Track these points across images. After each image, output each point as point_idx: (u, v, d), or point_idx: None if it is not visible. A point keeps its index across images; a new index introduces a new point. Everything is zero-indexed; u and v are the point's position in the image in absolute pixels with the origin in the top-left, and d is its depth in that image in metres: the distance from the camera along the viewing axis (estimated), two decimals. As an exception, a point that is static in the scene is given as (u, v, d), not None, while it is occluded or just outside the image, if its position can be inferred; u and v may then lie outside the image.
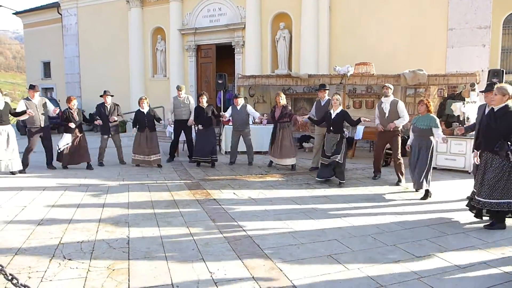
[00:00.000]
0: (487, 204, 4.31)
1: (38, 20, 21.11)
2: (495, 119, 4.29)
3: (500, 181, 4.21)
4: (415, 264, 3.37)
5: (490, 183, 4.26)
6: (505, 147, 4.14)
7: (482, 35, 10.38)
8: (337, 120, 6.55)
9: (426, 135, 5.64)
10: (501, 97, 4.28)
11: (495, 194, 4.25)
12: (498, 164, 4.22)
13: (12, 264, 3.28)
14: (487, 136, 4.40)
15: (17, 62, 73.49)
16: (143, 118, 8.00)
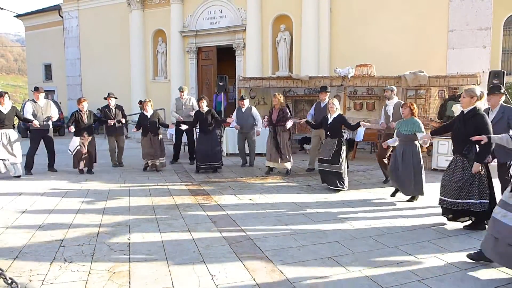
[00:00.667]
0: (452, 203, 4.29)
1: (39, 22, 21.20)
2: (464, 122, 4.25)
3: (466, 183, 4.19)
4: (416, 265, 3.36)
5: (456, 184, 4.24)
6: (473, 150, 4.13)
7: (483, 37, 10.39)
8: (333, 125, 6.33)
9: (410, 141, 5.47)
10: (469, 99, 4.25)
11: (460, 194, 4.23)
12: (464, 167, 4.21)
13: (13, 267, 3.28)
14: (456, 139, 4.39)
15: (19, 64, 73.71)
16: (145, 122, 7.76)
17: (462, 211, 4.31)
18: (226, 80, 11.57)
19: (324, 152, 6.37)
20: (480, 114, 4.18)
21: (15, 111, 7.01)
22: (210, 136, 7.68)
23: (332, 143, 6.30)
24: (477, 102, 4.23)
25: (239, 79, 11.63)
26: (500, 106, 5.21)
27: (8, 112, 6.82)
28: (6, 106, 6.83)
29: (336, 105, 6.39)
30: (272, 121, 7.43)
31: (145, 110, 7.84)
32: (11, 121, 6.91)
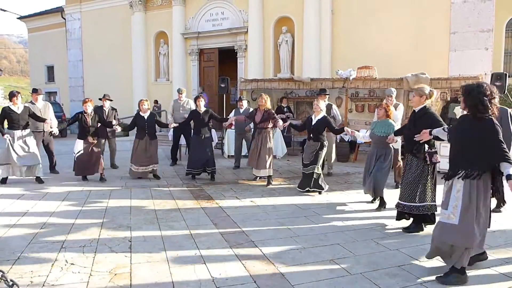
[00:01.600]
0: (408, 207, 4.26)
1: (42, 24, 21.28)
2: (414, 121, 4.23)
3: (419, 184, 4.18)
4: (418, 268, 3.35)
5: (411, 186, 4.23)
6: (422, 149, 4.11)
7: (485, 39, 10.37)
8: (317, 127, 6.06)
9: (384, 143, 5.24)
10: (419, 98, 4.23)
11: (415, 197, 4.21)
12: (417, 167, 4.20)
13: (14, 268, 3.28)
14: (408, 138, 4.37)
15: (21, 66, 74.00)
16: (142, 123, 7.10)
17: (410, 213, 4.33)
18: (228, 82, 11.58)
19: (306, 157, 6.16)
20: (430, 112, 4.17)
21: (28, 111, 6.75)
22: (205, 140, 7.08)
23: (314, 147, 6.09)
24: (427, 101, 4.22)
25: (241, 81, 11.64)
26: None
27: (21, 112, 6.61)
28: (19, 106, 6.63)
29: (321, 106, 6.14)
30: (255, 123, 6.91)
31: (142, 110, 7.17)
32: (24, 121, 6.65)
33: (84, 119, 6.86)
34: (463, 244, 3.06)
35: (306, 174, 6.15)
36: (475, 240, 3.05)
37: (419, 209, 4.23)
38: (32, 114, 6.82)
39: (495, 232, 4.33)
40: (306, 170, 6.14)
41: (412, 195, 4.22)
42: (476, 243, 3.06)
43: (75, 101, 18.95)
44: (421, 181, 4.19)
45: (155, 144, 7.24)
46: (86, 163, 6.85)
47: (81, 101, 19.12)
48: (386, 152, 5.35)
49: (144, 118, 7.12)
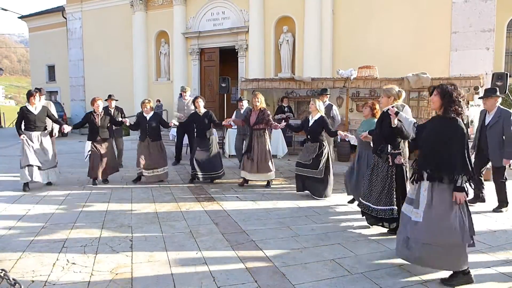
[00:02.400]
0: (375, 210, 4.22)
1: (43, 24, 21.31)
2: (381, 122, 4.18)
3: (385, 186, 4.14)
4: (419, 268, 3.35)
5: (378, 188, 4.19)
6: (385, 150, 4.08)
7: (486, 38, 10.37)
8: (314, 127, 5.84)
9: (368, 142, 5.03)
10: (387, 99, 4.20)
11: (382, 200, 4.16)
12: (382, 169, 4.17)
13: (16, 267, 3.29)
14: (374, 138, 4.38)
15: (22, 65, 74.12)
16: (144, 124, 6.82)
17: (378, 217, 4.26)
18: (229, 82, 11.60)
19: (303, 156, 5.92)
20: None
21: (47, 112, 6.40)
22: (207, 142, 6.84)
23: (313, 148, 5.84)
24: (395, 102, 4.19)
25: (242, 80, 11.66)
26: (497, 109, 5.20)
27: (39, 113, 6.24)
28: (37, 106, 6.26)
29: (317, 106, 5.90)
30: (249, 124, 6.57)
31: (145, 111, 6.85)
32: (43, 122, 6.31)
33: (93, 119, 6.59)
34: (427, 241, 3.06)
35: (302, 176, 5.91)
36: (441, 238, 3.03)
37: (382, 212, 4.15)
38: (51, 115, 6.47)
39: (495, 232, 4.34)
40: (302, 171, 5.89)
41: (379, 197, 4.17)
42: (448, 241, 3.02)
43: (75, 100, 18.98)
44: (386, 183, 4.14)
45: (158, 146, 6.88)
46: (97, 166, 6.58)
47: (82, 100, 18.91)
48: (369, 153, 5.10)
49: (146, 119, 6.82)
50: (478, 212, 5.18)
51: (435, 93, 3.18)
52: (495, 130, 5.14)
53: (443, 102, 3.12)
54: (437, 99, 3.16)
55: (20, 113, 6.24)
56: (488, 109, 5.29)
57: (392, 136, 4.05)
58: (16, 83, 68.08)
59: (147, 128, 6.80)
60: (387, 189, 4.14)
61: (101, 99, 6.83)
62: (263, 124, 6.47)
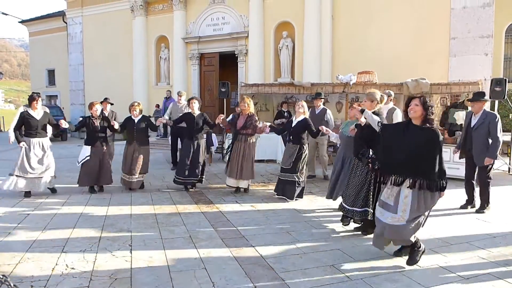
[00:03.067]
0: (350, 212, 4.32)
1: (43, 28, 21.40)
2: (361, 127, 4.22)
3: (363, 189, 4.22)
4: (419, 274, 3.35)
5: (355, 190, 4.27)
6: (366, 154, 4.12)
7: (484, 44, 10.43)
8: (297, 129, 5.82)
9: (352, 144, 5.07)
10: (370, 103, 4.27)
11: (358, 202, 4.25)
12: (362, 171, 4.22)
13: (15, 272, 3.28)
14: (354, 142, 4.43)
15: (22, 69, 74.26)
16: (131, 127, 6.59)
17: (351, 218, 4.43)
18: (228, 86, 11.61)
19: (284, 160, 5.93)
20: (379, 115, 4.17)
21: (48, 118, 6.20)
22: (197, 145, 6.56)
23: (293, 149, 5.85)
24: (378, 105, 4.26)
25: (241, 85, 11.67)
26: (483, 112, 5.36)
27: (41, 118, 6.03)
28: (38, 111, 6.04)
29: (303, 107, 5.89)
30: (237, 128, 6.40)
31: (133, 114, 6.60)
32: (45, 128, 6.09)
33: (91, 123, 6.38)
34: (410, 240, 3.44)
35: (283, 180, 5.91)
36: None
37: (360, 214, 4.26)
38: (52, 121, 6.24)
39: (495, 238, 4.33)
40: (284, 176, 5.89)
41: (355, 199, 4.27)
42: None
43: (75, 104, 19.01)
44: (364, 186, 4.22)
45: (144, 152, 6.59)
46: (94, 172, 6.32)
47: (82, 104, 18.91)
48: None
49: (134, 121, 6.57)
50: (475, 217, 5.19)
51: (416, 103, 3.33)
52: (480, 132, 5.31)
53: (425, 113, 3.31)
54: (419, 108, 3.32)
55: (21, 118, 5.95)
56: (475, 112, 5.44)
57: (373, 141, 4.04)
58: (16, 87, 68.15)
59: (135, 131, 6.56)
60: (364, 192, 4.23)
61: (99, 103, 6.71)
62: (250, 129, 6.33)
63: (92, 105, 6.51)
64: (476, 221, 5.05)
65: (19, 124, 5.98)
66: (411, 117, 3.38)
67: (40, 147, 6.05)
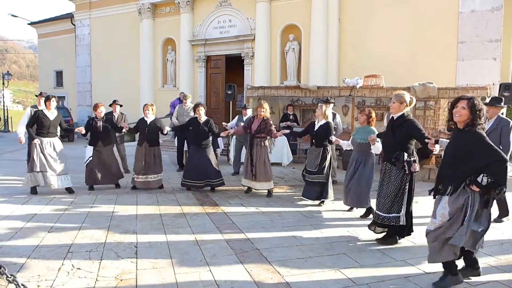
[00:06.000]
0: (387, 218, 4.14)
1: (52, 30, 21.61)
2: (393, 129, 4.14)
3: (398, 194, 4.08)
4: (425, 280, 3.32)
5: (391, 196, 4.10)
6: (401, 158, 4.02)
7: (493, 49, 10.35)
8: (319, 132, 5.93)
9: (365, 150, 5.19)
10: (399, 105, 4.12)
11: (394, 207, 4.10)
12: (396, 176, 4.09)
13: (21, 272, 3.30)
14: (386, 146, 4.29)
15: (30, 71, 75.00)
16: (143, 128, 6.72)
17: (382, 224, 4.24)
18: (235, 89, 11.63)
19: (310, 163, 6.00)
20: (409, 119, 4.06)
21: (60, 119, 6.35)
22: (204, 151, 6.66)
23: (317, 152, 5.94)
24: (406, 108, 4.14)
25: (247, 88, 11.68)
26: (496, 117, 5.28)
27: (54, 119, 6.20)
28: (52, 112, 6.22)
29: (323, 111, 5.99)
30: (251, 132, 6.51)
31: (145, 115, 6.76)
32: (56, 128, 6.26)
33: (95, 124, 6.61)
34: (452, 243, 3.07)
35: (312, 182, 5.97)
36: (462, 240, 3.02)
37: (393, 220, 4.11)
38: (62, 123, 6.41)
39: (503, 245, 4.28)
40: (312, 178, 5.96)
41: (388, 205, 4.12)
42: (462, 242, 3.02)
43: (82, 106, 19.15)
44: (399, 191, 4.09)
45: (156, 152, 6.76)
46: (97, 171, 6.57)
47: (89, 106, 19.08)
48: (366, 158, 5.26)
49: (147, 123, 6.72)
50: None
51: (463, 105, 3.03)
52: (493, 137, 5.19)
53: (471, 117, 3.01)
54: (465, 112, 3.02)
55: (35, 117, 6.11)
56: (489, 117, 5.35)
57: (406, 144, 4.04)
58: (24, 88, 68.82)
59: (146, 132, 6.70)
60: (399, 196, 4.10)
61: (103, 105, 6.86)
62: (265, 133, 6.44)
63: (97, 107, 6.75)
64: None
65: (31, 122, 6.16)
66: (456, 121, 3.11)
67: (52, 147, 6.20)
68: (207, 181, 6.65)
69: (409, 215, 4.16)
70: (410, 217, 4.20)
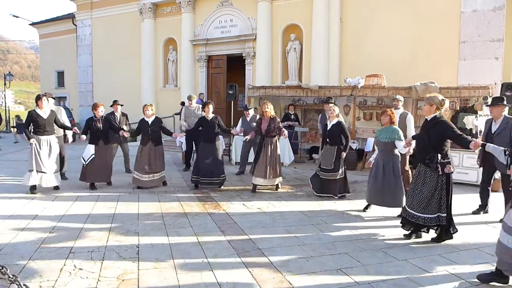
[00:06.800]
0: (422, 218, 4.19)
1: (53, 30, 21.63)
2: (426, 130, 4.17)
3: (434, 194, 4.13)
4: (426, 280, 3.32)
5: (426, 197, 4.15)
6: (435, 159, 4.05)
7: (495, 48, 10.31)
8: (332, 131, 6.27)
9: (389, 149, 5.33)
10: (429, 107, 4.18)
11: (430, 208, 4.15)
12: (431, 177, 4.13)
13: (23, 272, 3.31)
14: (420, 147, 4.33)
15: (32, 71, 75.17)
16: (146, 129, 6.91)
17: (423, 225, 4.27)
18: (236, 89, 11.64)
19: (325, 161, 6.30)
20: (442, 120, 4.11)
21: (55, 116, 6.52)
22: (214, 147, 6.90)
23: (331, 151, 6.26)
24: (438, 110, 4.17)
25: (249, 87, 11.69)
26: (504, 118, 5.22)
27: (48, 117, 6.34)
28: (45, 110, 6.35)
29: (336, 111, 6.33)
30: (262, 132, 6.77)
31: (146, 115, 6.97)
32: (51, 126, 6.41)
33: (94, 123, 6.78)
34: None
35: (326, 179, 6.28)
36: None
37: (433, 220, 4.16)
38: (57, 121, 6.55)
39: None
40: (327, 176, 6.27)
41: (424, 205, 4.17)
42: None
43: (84, 106, 19.17)
44: (436, 192, 4.13)
45: (160, 151, 6.98)
46: (97, 168, 6.72)
47: (90, 106, 19.24)
48: (393, 159, 5.35)
49: (148, 123, 6.91)
50: (486, 222, 5.13)
51: None
52: (502, 138, 5.14)
53: None
54: None
55: (29, 117, 6.31)
56: (495, 118, 5.30)
57: (440, 145, 4.08)
58: (26, 88, 68.99)
59: (149, 132, 6.87)
60: (436, 197, 4.14)
61: (103, 105, 6.99)
62: (275, 132, 6.69)
63: (97, 106, 6.89)
64: (486, 227, 4.99)
65: (27, 123, 6.36)
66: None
67: (48, 145, 6.36)
68: (214, 179, 6.86)
69: (449, 215, 4.19)
70: (451, 217, 4.23)
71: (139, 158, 6.84)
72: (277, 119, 6.79)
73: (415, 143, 4.84)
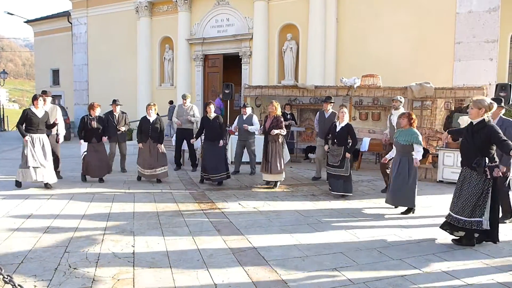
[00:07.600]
0: (468, 222, 4.12)
1: (48, 28, 21.49)
2: (472, 134, 4.12)
3: (480, 198, 4.06)
4: (421, 279, 3.34)
5: (472, 200, 4.09)
6: (482, 163, 4.00)
7: (489, 49, 10.39)
8: (341, 133, 6.47)
9: (407, 151, 5.45)
10: (477, 110, 4.10)
11: (476, 212, 4.09)
12: (477, 181, 4.08)
13: (18, 272, 3.29)
14: (465, 151, 4.26)
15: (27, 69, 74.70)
16: (147, 126, 7.31)
17: (462, 228, 4.21)
18: (232, 88, 11.63)
19: (332, 158, 6.53)
20: (489, 125, 4.03)
21: (47, 117, 6.70)
22: (217, 145, 7.15)
23: (339, 151, 6.45)
24: (486, 114, 4.08)
25: (245, 87, 11.69)
26: (499, 119, 5.24)
27: (42, 116, 6.55)
28: (40, 110, 6.57)
29: (347, 114, 6.65)
30: (265, 129, 7.10)
31: (148, 114, 7.38)
32: (44, 126, 6.60)
33: (89, 122, 7.15)
34: None
35: (333, 174, 6.50)
36: None
37: (475, 224, 4.09)
38: (47, 121, 6.69)
39: (499, 244, 4.30)
40: (334, 171, 6.48)
41: (469, 209, 4.10)
42: None
43: (79, 104, 19.06)
44: (481, 195, 4.06)
45: (160, 148, 7.32)
46: (90, 164, 7.15)
47: (86, 104, 19.08)
48: (409, 159, 5.44)
49: (149, 121, 7.32)
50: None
51: None
52: None
53: None
54: None
55: (24, 115, 6.46)
56: (493, 119, 5.31)
57: (486, 149, 4.02)
58: (20, 86, 68.56)
59: (150, 130, 7.25)
60: (481, 201, 4.08)
61: (100, 106, 7.40)
62: (277, 129, 6.97)
63: (94, 107, 7.27)
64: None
65: (22, 121, 6.49)
66: None
67: (40, 143, 6.51)
68: (219, 175, 7.14)
69: (495, 220, 4.12)
70: (496, 222, 4.15)
71: (141, 155, 7.34)
72: (281, 118, 7.10)
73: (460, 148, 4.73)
